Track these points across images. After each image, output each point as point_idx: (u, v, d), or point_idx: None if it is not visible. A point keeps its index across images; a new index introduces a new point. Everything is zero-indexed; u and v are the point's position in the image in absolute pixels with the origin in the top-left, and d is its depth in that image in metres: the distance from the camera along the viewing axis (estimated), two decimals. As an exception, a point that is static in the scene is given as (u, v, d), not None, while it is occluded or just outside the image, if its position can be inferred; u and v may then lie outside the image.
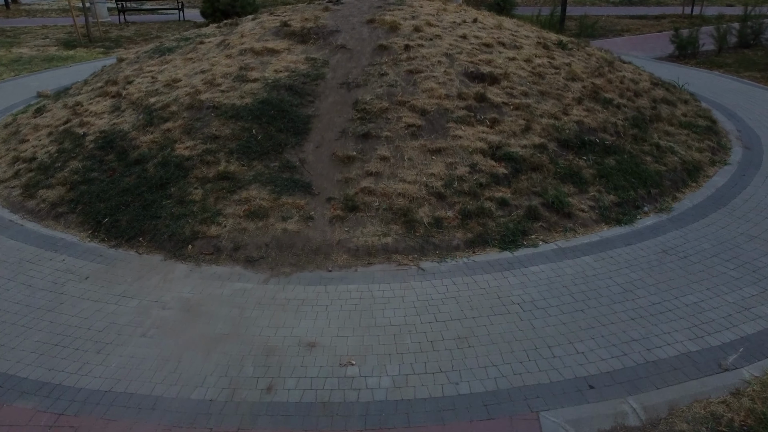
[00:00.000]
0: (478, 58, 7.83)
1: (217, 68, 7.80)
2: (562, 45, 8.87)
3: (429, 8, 9.17)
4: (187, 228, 5.75)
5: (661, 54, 14.21)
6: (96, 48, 15.47)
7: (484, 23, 8.90)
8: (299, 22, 8.59)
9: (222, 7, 17.25)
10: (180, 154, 6.56)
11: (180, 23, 19.25)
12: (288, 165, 6.38)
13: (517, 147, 6.65)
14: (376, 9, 9.05)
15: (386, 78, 7.35)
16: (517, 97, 7.35)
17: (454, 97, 7.11)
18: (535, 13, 17.65)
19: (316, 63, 7.72)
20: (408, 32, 8.20)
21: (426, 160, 6.40)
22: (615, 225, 6.07)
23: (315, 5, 9.63)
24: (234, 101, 7.11)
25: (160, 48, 9.28)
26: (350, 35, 8.21)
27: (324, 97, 7.19)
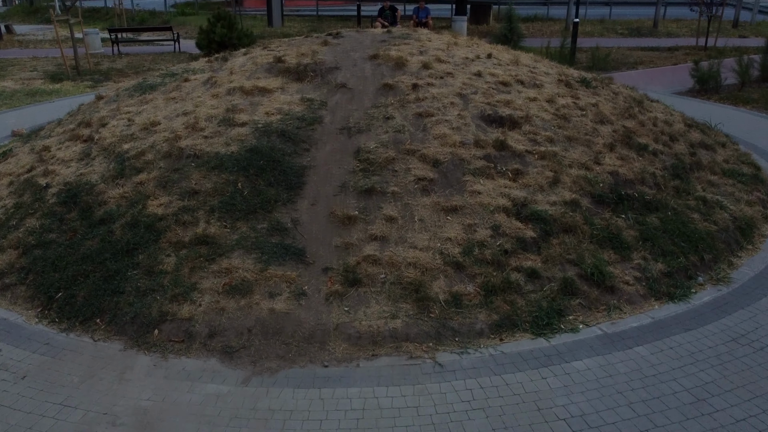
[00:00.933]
0: (495, 99, 6.92)
1: (201, 110, 6.89)
2: (586, 83, 8.00)
3: (438, 42, 8.32)
4: (154, 307, 4.76)
5: (680, 88, 13.38)
6: (84, 81, 14.67)
7: (499, 59, 8.03)
8: (295, 58, 7.72)
9: (218, 39, 16.53)
10: (152, 212, 5.60)
11: (175, 55, 18.52)
12: (278, 226, 5.41)
13: (546, 204, 5.70)
14: (379, 43, 8.20)
15: (392, 122, 6.44)
16: (542, 143, 6.42)
17: (471, 144, 6.18)
18: (543, 45, 16.94)
19: (313, 104, 6.82)
20: (416, 69, 7.32)
21: (440, 221, 5.44)
22: (667, 301, 5.07)
23: (313, 39, 8.80)
24: (218, 149, 6.18)
25: (143, 85, 8.40)
26: (351, 72, 7.33)
27: (321, 145, 6.26)
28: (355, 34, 8.96)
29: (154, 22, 26.75)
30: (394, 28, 9.68)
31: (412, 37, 8.48)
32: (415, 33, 8.85)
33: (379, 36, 8.65)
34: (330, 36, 8.86)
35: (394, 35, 8.69)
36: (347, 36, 8.74)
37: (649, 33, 21.07)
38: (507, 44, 16.69)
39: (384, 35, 8.71)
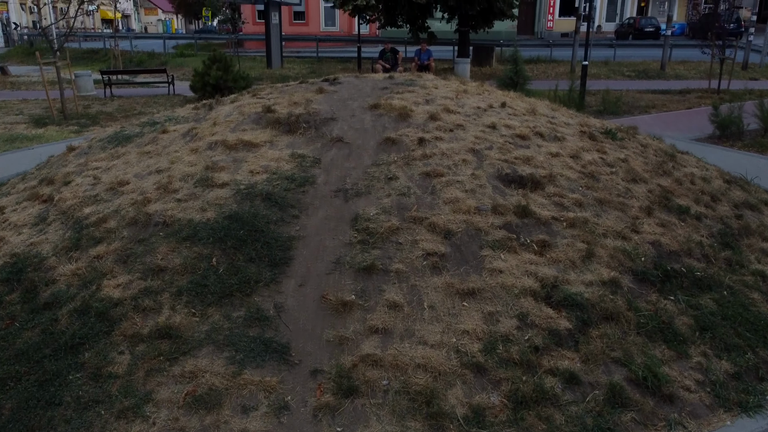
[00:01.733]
0: (513, 155, 6.04)
1: (177, 167, 6.01)
2: (612, 134, 7.14)
3: (446, 90, 7.51)
4: (96, 426, 3.75)
5: (699, 134, 12.58)
6: (70, 126, 13.90)
7: (514, 108, 7.20)
8: (286, 107, 6.89)
9: (212, 82, 15.87)
10: (107, 295, 4.64)
11: (169, 98, 17.85)
12: (258, 314, 4.44)
13: (580, 285, 4.74)
14: (380, 91, 7.38)
15: (396, 183, 5.54)
16: (570, 208, 5.51)
17: (488, 211, 5.26)
18: (550, 88, 16.27)
19: (305, 161, 5.93)
20: (422, 121, 6.47)
21: (454, 308, 4.47)
22: (739, 413, 4.06)
23: (308, 85, 8.00)
24: (192, 215, 5.26)
25: (118, 135, 7.56)
26: (349, 124, 6.48)
27: (313, 211, 5.34)
28: (354, 80, 8.17)
29: (152, 63, 26.34)
30: (396, 73, 8.90)
31: (416, 84, 7.67)
32: (419, 79, 8.05)
33: (380, 82, 7.86)
34: (326, 82, 8.07)
35: (396, 81, 7.89)
36: (345, 82, 7.94)
37: (656, 75, 20.49)
38: (513, 87, 16.04)
39: (385, 81, 7.91)
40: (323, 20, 35.98)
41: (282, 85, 8.80)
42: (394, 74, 8.51)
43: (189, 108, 9.01)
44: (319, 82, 8.34)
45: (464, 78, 8.66)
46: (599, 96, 16.34)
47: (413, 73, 8.90)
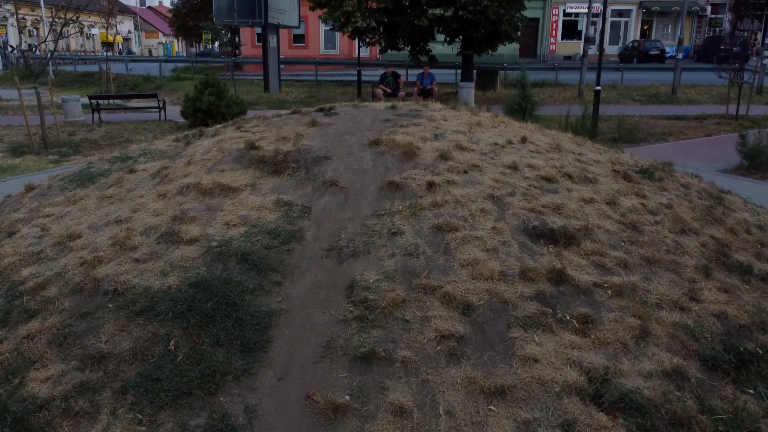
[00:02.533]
0: (540, 203, 5.04)
1: (140, 217, 5.01)
2: (649, 174, 6.16)
3: (456, 122, 6.55)
4: None
5: (725, 165, 11.62)
6: (49, 155, 12.95)
7: (535, 143, 6.22)
8: (272, 143, 5.92)
9: (204, 107, 14.98)
10: (32, 392, 3.59)
11: (159, 123, 16.95)
12: (223, 422, 3.39)
13: (637, 377, 3.69)
14: (382, 123, 6.42)
15: (400, 240, 4.53)
16: (613, 270, 4.49)
17: (515, 276, 4.24)
18: (559, 113, 15.40)
19: (292, 211, 4.93)
20: (431, 161, 5.48)
21: (479, 413, 3.42)
22: None
23: (300, 116, 7.04)
24: (150, 281, 4.24)
25: (83, 174, 6.57)
26: (345, 164, 5.50)
27: (299, 275, 4.33)
28: (351, 110, 7.22)
29: (148, 87, 25.56)
30: (399, 101, 7.94)
31: (423, 116, 6.71)
32: (426, 109, 7.10)
33: (381, 113, 6.90)
34: (321, 112, 7.11)
35: (400, 112, 6.94)
36: (342, 113, 6.98)
37: (668, 100, 19.63)
38: (521, 114, 15.14)
39: (387, 112, 6.96)
40: (323, 43, 35.38)
41: (273, 114, 7.84)
42: (396, 104, 7.55)
43: (169, 140, 8.05)
44: (313, 112, 7.38)
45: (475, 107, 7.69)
46: (612, 122, 15.44)
47: (417, 101, 7.94)
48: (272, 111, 19.18)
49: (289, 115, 7.18)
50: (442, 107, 7.41)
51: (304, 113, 7.13)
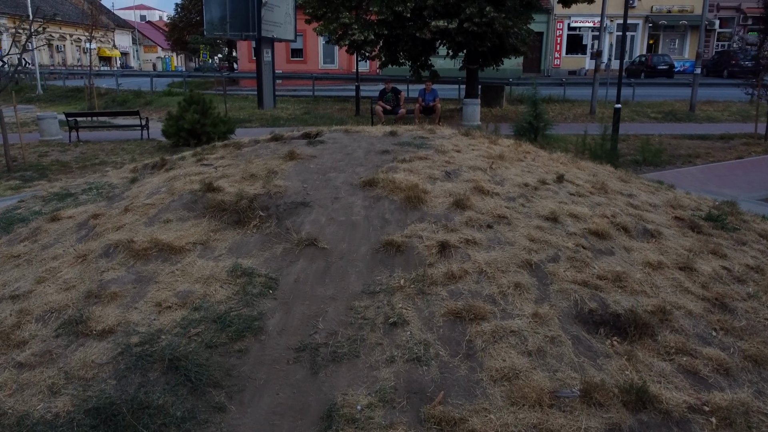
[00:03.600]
0: (594, 272, 3.63)
1: (44, 291, 3.60)
2: (720, 221, 4.75)
3: (473, 154, 5.15)
4: None
5: (765, 193, 10.22)
6: (11, 180, 11.55)
7: (574, 182, 4.82)
8: (237, 182, 4.52)
9: (187, 126, 13.63)
10: None
11: (141, 143, 15.61)
12: None
13: None
14: (379, 156, 5.02)
15: (403, 335, 3.12)
16: (710, 378, 3.06)
17: (576, 398, 2.82)
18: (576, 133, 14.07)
19: (252, 285, 3.52)
20: (443, 209, 4.08)
21: None
22: None
23: (278, 145, 5.65)
24: (30, 404, 2.82)
25: (2, 218, 5.18)
26: (329, 214, 4.10)
27: (252, 394, 2.90)
28: (342, 136, 5.83)
29: (137, 103, 24.28)
30: (401, 128, 6.57)
31: (430, 145, 5.32)
32: (433, 136, 5.71)
33: (378, 141, 5.52)
34: (305, 139, 5.73)
35: (401, 140, 5.55)
36: (331, 140, 5.59)
37: (686, 117, 18.29)
38: (533, 134, 13.79)
39: (386, 139, 5.58)
40: (322, 57, 34.19)
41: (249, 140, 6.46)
42: (397, 129, 6.15)
43: (126, 171, 6.69)
44: (295, 139, 6.01)
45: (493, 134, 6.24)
46: (631, 142, 14.09)
47: (421, 125, 6.57)
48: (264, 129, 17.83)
49: (266, 143, 5.79)
50: (453, 133, 6.03)
51: (284, 140, 5.74)
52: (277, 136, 6.49)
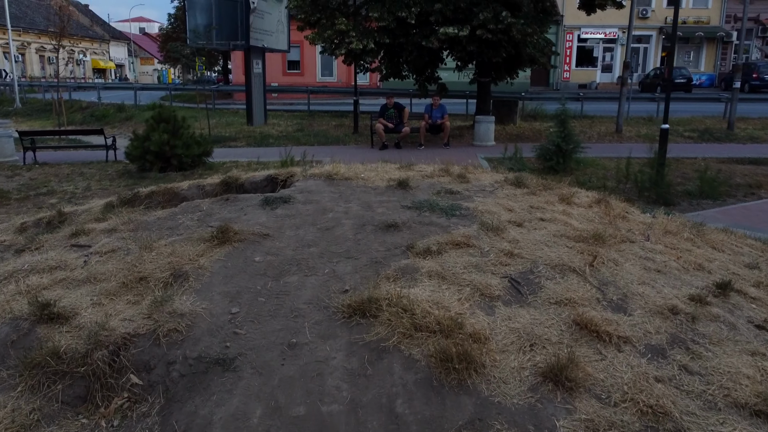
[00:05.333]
0: None
1: None
2: None
3: (545, 232, 2.85)
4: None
5: None
6: (-70, 215, 9.24)
7: (747, 294, 2.56)
8: (105, 302, 2.26)
9: (154, 148, 11.38)
10: None
11: (105, 166, 13.35)
12: None
13: None
14: (380, 237, 2.75)
15: None
16: None
17: None
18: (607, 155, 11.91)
19: None
20: (521, 389, 1.82)
21: None
22: None
23: (216, 204, 3.39)
24: None
25: None
26: (270, 394, 1.86)
27: None
28: (323, 187, 3.56)
29: (119, 117, 22.17)
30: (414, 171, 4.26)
31: (467, 210, 3.04)
32: (468, 187, 3.44)
33: (379, 199, 3.26)
34: (261, 196, 3.47)
35: (417, 197, 3.29)
36: (302, 198, 3.32)
37: (725, 136, 16.09)
38: (562, 158, 11.57)
39: (393, 195, 3.32)
40: (320, 70, 32.08)
41: (189, 186, 4.23)
42: (409, 173, 3.85)
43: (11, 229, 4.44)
44: (257, 182, 3.78)
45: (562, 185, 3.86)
46: (676, 168, 11.85)
47: (445, 166, 4.24)
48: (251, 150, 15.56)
49: (197, 205, 3.50)
50: (496, 182, 3.76)
51: (227, 201, 3.47)
52: (228, 180, 4.24)
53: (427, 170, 4.01)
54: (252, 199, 3.37)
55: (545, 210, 3.14)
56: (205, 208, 3.28)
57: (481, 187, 3.61)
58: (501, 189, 3.61)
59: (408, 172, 3.97)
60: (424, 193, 3.41)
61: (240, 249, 2.64)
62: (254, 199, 3.36)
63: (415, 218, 2.95)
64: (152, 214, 3.24)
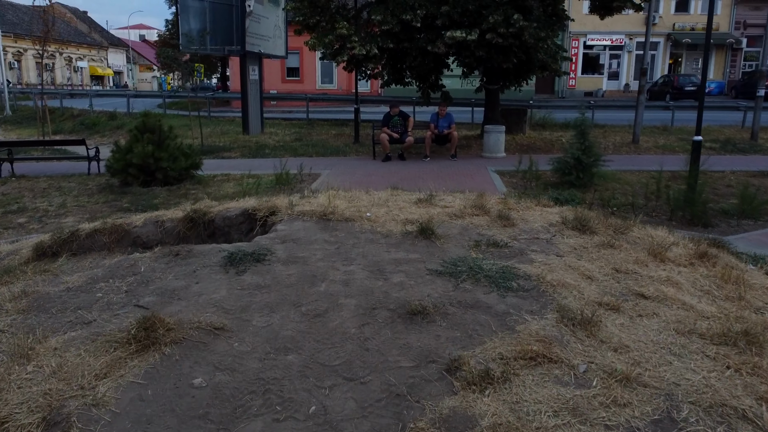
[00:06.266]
0: None
1: None
2: None
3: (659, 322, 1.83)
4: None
5: None
6: None
7: None
8: None
9: (137, 161, 10.34)
10: None
11: (86, 179, 12.29)
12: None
13: None
14: (400, 332, 1.70)
15: None
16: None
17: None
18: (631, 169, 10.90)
19: None
20: None
21: None
22: None
23: (157, 262, 2.36)
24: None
25: None
26: None
27: None
28: (313, 232, 2.51)
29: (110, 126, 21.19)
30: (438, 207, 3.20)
31: (530, 285, 1.98)
32: (517, 235, 2.42)
33: (393, 256, 2.23)
34: (224, 258, 2.43)
35: (452, 263, 2.24)
36: (284, 256, 2.26)
37: (749, 148, 15.06)
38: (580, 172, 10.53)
39: (413, 249, 2.30)
40: (319, 77, 31.08)
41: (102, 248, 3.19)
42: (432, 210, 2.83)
43: None
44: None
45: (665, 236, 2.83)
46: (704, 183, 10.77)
47: (487, 211, 3.17)
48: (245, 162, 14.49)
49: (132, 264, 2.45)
50: (551, 224, 2.72)
51: (176, 256, 2.42)
52: (194, 216, 3.19)
53: (455, 205, 2.97)
54: (211, 254, 2.32)
55: (639, 276, 2.10)
56: (143, 270, 2.24)
57: (533, 232, 2.57)
58: (560, 235, 2.57)
59: (429, 208, 2.92)
60: (457, 245, 2.37)
61: (173, 360, 1.60)
62: (214, 254, 2.31)
63: (452, 295, 1.91)
64: (63, 281, 2.19)
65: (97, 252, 3.39)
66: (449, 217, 2.77)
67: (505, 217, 2.73)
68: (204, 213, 3.41)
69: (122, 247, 3.48)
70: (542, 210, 3.04)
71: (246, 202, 3.52)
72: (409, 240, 2.42)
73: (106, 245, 3.46)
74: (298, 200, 3.15)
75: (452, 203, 3.09)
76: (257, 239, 2.55)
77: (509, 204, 3.06)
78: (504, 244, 2.38)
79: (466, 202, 3.02)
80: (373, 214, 2.83)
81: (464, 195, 3.26)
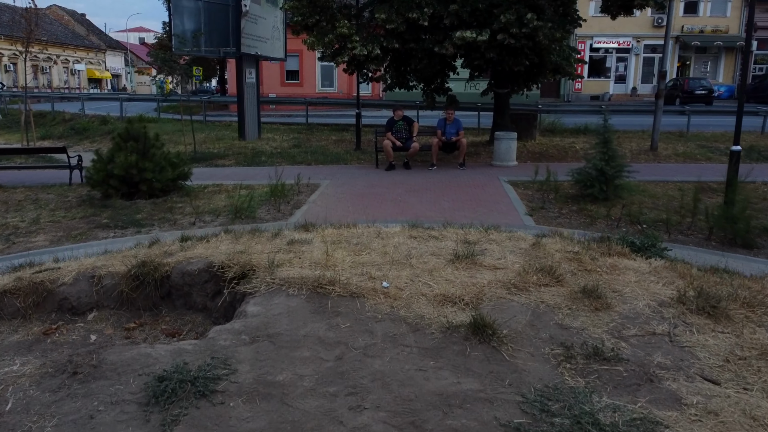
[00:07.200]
0: None
1: None
2: None
3: None
4: None
5: None
6: None
7: None
8: None
9: (119, 172, 9.38)
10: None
11: (66, 190, 11.35)
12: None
13: None
14: None
15: None
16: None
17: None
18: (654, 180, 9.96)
19: None
20: None
21: None
22: None
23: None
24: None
25: None
26: None
27: None
28: (305, 323, 1.57)
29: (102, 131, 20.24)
30: (477, 265, 2.21)
31: None
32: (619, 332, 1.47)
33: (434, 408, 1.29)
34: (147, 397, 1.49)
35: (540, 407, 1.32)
36: (238, 400, 1.34)
37: (774, 156, 14.12)
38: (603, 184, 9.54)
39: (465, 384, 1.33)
40: (320, 80, 30.13)
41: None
42: (486, 304, 1.92)
43: None
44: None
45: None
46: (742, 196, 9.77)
47: (560, 279, 2.22)
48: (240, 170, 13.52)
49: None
50: (660, 302, 1.77)
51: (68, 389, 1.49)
52: (142, 273, 2.24)
53: (507, 263, 2.00)
54: (130, 375, 1.35)
55: None
56: (9, 407, 1.27)
57: (641, 321, 1.60)
58: (684, 325, 1.60)
59: (473, 269, 1.96)
60: (536, 353, 1.41)
61: None
62: (135, 377, 1.34)
63: None
64: None
65: (7, 322, 2.43)
66: (506, 289, 1.82)
67: (592, 293, 1.78)
68: (156, 267, 2.45)
69: (43, 313, 2.52)
70: (632, 270, 2.08)
71: (216, 249, 2.56)
72: (456, 343, 1.46)
73: (21, 311, 2.50)
74: (284, 256, 2.18)
75: (502, 258, 2.13)
76: (213, 336, 1.60)
77: (583, 260, 2.10)
78: (610, 351, 1.43)
79: (523, 258, 2.06)
80: (391, 282, 1.87)
81: (512, 238, 2.30)
